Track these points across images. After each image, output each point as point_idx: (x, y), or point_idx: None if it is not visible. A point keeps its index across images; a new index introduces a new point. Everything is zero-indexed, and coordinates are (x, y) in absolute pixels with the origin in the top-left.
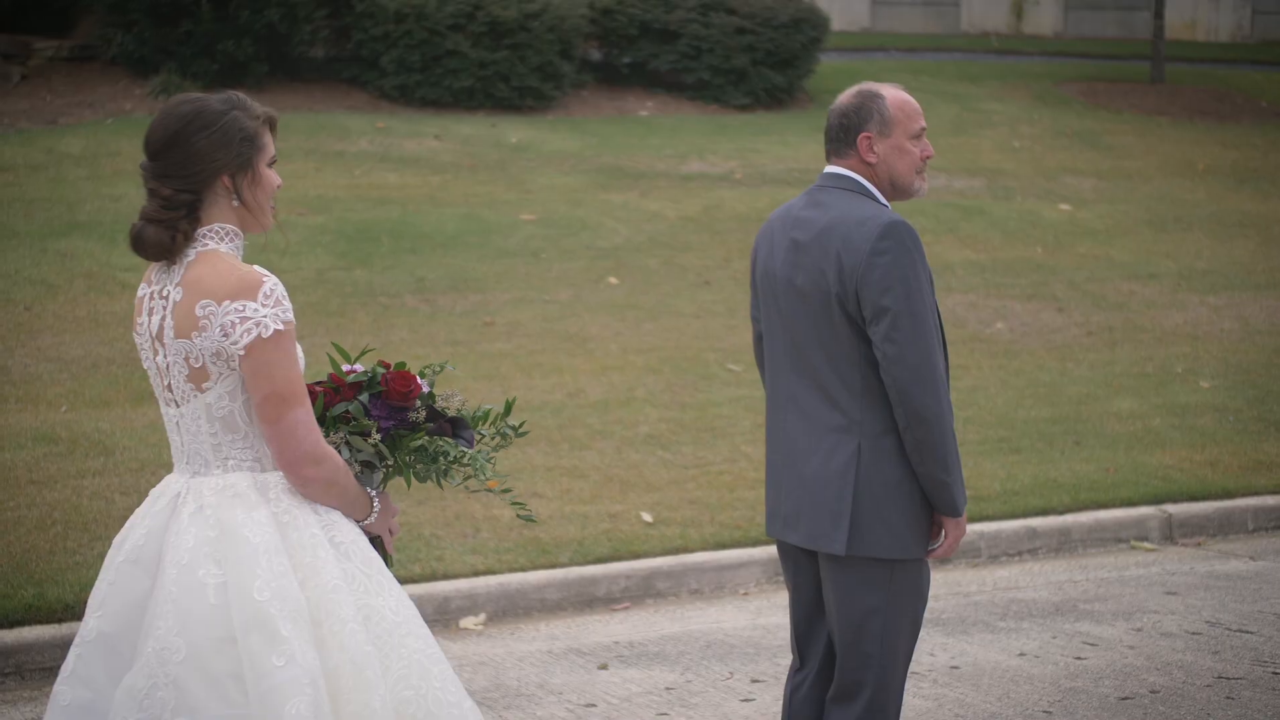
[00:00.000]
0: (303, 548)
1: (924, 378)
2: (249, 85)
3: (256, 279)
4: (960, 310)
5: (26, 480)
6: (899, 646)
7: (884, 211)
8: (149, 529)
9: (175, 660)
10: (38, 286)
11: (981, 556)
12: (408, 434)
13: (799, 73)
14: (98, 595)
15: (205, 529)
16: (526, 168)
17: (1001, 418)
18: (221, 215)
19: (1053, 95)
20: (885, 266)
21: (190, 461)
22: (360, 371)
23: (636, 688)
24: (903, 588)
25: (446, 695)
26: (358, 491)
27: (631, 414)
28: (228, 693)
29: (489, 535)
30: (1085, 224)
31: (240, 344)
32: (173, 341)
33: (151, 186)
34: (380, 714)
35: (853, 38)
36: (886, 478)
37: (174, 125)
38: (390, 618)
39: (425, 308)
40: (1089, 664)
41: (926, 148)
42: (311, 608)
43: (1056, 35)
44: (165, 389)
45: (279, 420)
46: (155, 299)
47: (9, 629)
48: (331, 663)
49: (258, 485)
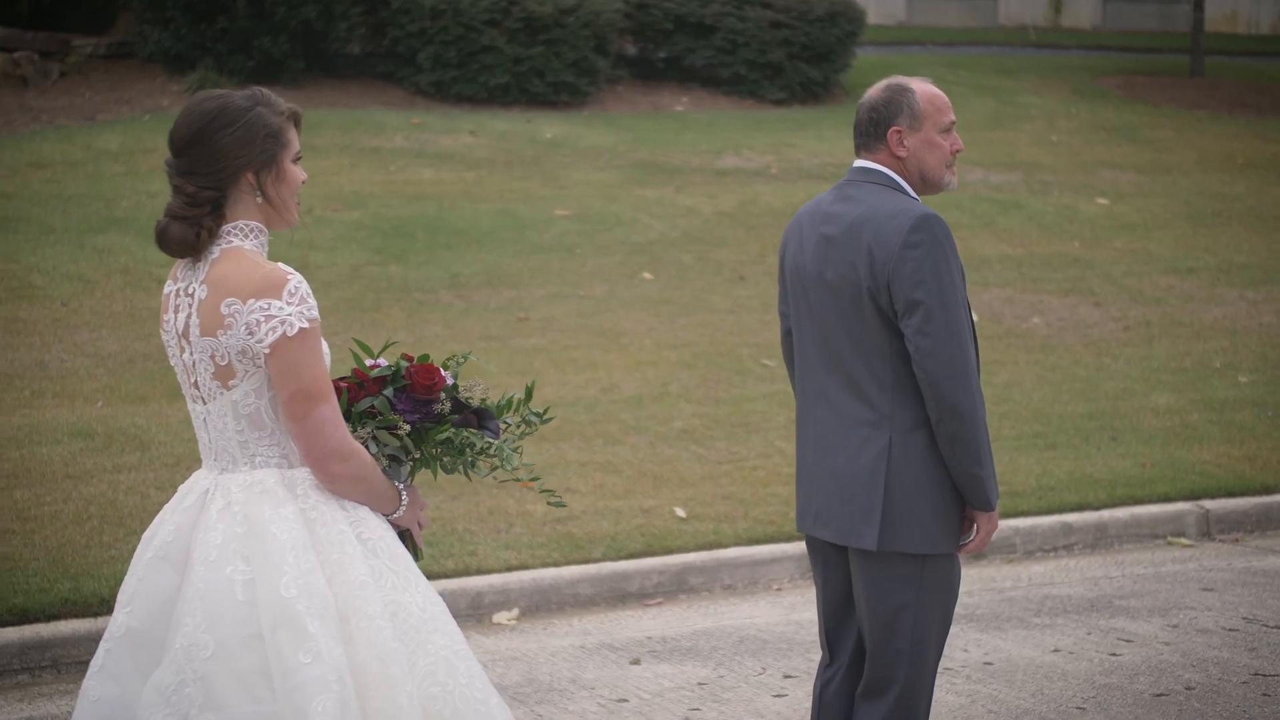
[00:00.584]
0: (330, 544)
1: (957, 371)
2: (285, 82)
3: (281, 277)
4: (996, 305)
5: (63, 475)
6: (929, 642)
7: (915, 205)
8: (177, 525)
9: (203, 657)
10: (75, 282)
11: (1017, 552)
12: (433, 427)
13: (835, 67)
14: (126, 591)
15: (233, 525)
16: (561, 163)
17: (1037, 413)
18: (246, 212)
19: (1091, 89)
20: (917, 260)
21: (218, 458)
22: (384, 366)
23: (669, 683)
24: (933, 583)
25: (473, 692)
26: (385, 486)
27: (665, 409)
28: (255, 689)
29: (522, 530)
30: (1123, 218)
31: (266, 342)
32: (198, 339)
33: (176, 183)
34: (407, 710)
35: (889, 31)
36: (917, 472)
37: (198, 122)
38: (417, 614)
39: (460, 303)
40: (1124, 660)
41: (956, 141)
42: (339, 604)
43: (1095, 28)
44: (192, 386)
45: (306, 417)
46: (181, 296)
47: (45, 623)
48: (358, 659)
49: (285, 481)
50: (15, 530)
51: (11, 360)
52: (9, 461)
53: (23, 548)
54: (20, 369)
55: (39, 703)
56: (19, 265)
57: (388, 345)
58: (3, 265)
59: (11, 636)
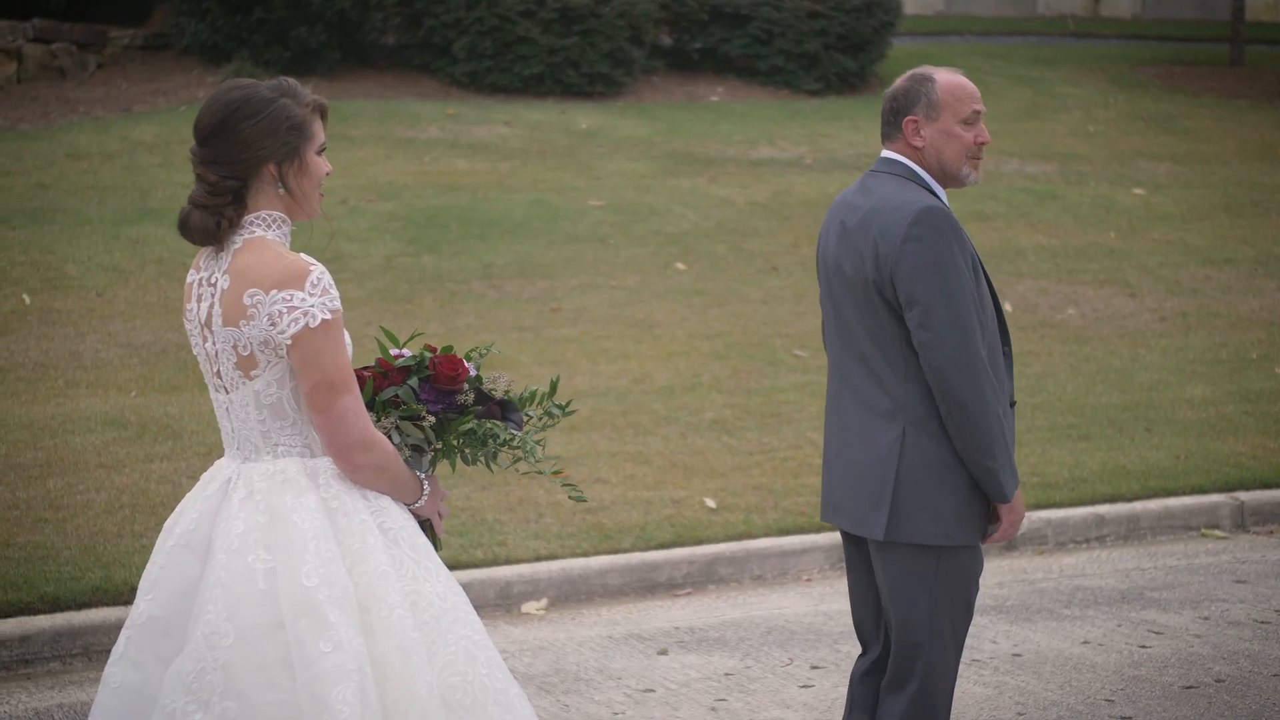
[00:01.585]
0: (351, 534)
1: (960, 363)
2: (320, 73)
3: (303, 268)
4: (1031, 296)
5: (95, 464)
6: (947, 635)
7: (922, 197)
8: (200, 513)
9: (224, 645)
10: (110, 273)
11: (1048, 544)
12: (456, 418)
13: (871, 57)
14: (149, 578)
15: (255, 514)
16: (595, 154)
17: (1071, 404)
18: (268, 202)
19: (1129, 78)
20: (917, 254)
21: (241, 447)
22: (408, 356)
23: (695, 673)
24: (950, 576)
25: (493, 682)
26: (407, 476)
27: (697, 400)
28: (275, 678)
29: (552, 520)
30: (1160, 209)
31: (288, 333)
32: (221, 329)
33: (199, 172)
34: (427, 700)
35: (926, 22)
36: (930, 462)
37: (222, 112)
38: (438, 604)
39: (492, 294)
40: (1153, 652)
41: (981, 133)
42: (359, 594)
43: (1134, 18)
44: (215, 375)
45: (329, 408)
46: (204, 286)
47: (76, 610)
48: (379, 649)
49: (307, 471)
50: (48, 519)
51: (46, 350)
52: (43, 450)
53: (55, 536)
54: (55, 359)
55: (69, 690)
56: (54, 256)
57: (413, 336)
58: (39, 256)
59: (43, 624)
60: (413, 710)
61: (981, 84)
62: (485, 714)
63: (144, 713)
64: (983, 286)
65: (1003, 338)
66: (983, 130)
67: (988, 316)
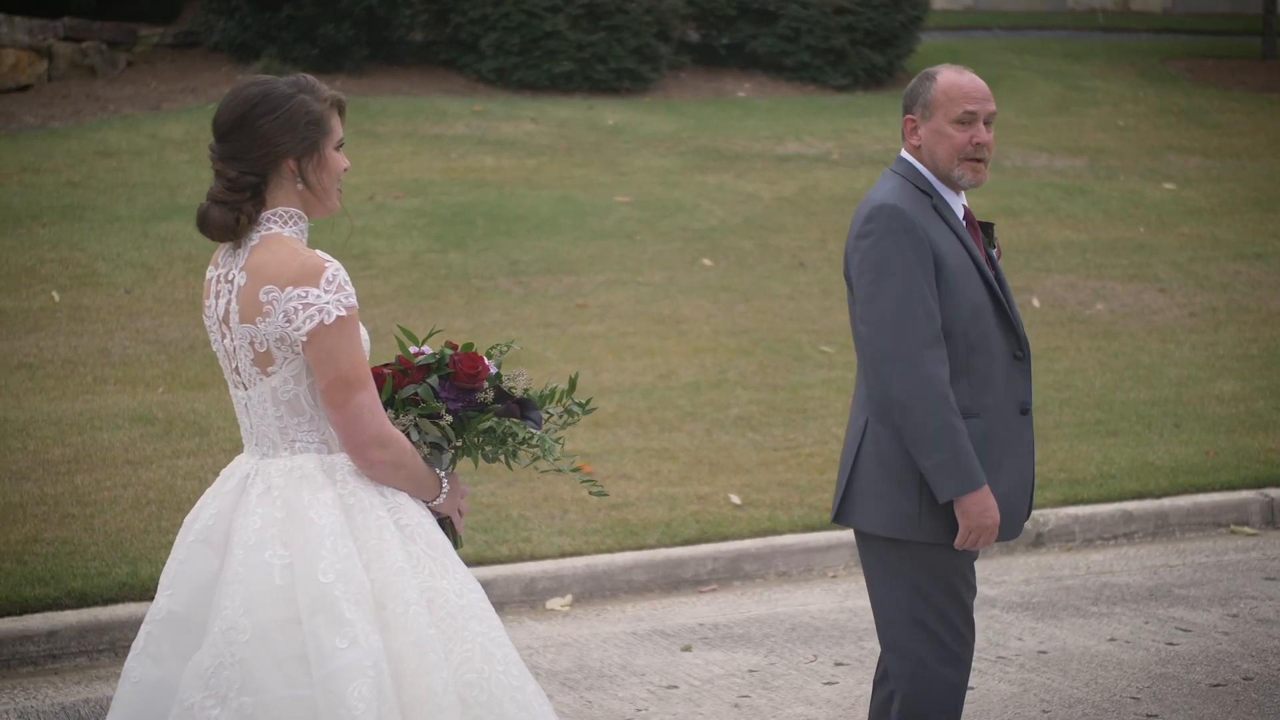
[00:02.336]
0: (368, 530)
1: (893, 360)
2: (348, 70)
3: (319, 265)
4: (1060, 291)
5: (123, 460)
6: (923, 634)
7: (882, 194)
8: (219, 509)
9: (241, 640)
10: (138, 269)
11: (1076, 540)
12: (476, 415)
13: (899, 52)
14: (168, 574)
15: (272, 510)
16: (622, 150)
17: (1099, 400)
18: (286, 198)
19: (1159, 72)
20: (865, 250)
21: (259, 443)
22: (428, 354)
23: (719, 669)
24: (918, 571)
25: (510, 679)
26: (425, 473)
27: (722, 396)
28: (291, 673)
29: (577, 517)
30: (1190, 203)
31: (303, 330)
32: (238, 326)
33: (218, 168)
34: (443, 696)
35: (955, 16)
36: (883, 454)
37: (240, 108)
38: (455, 600)
39: (518, 290)
40: (1181, 650)
41: (978, 133)
42: (376, 590)
43: (1165, 11)
44: (233, 371)
45: (344, 405)
46: (221, 282)
47: (103, 606)
48: (395, 645)
49: (324, 467)
50: (75, 515)
51: (75, 347)
52: (70, 447)
53: (82, 532)
54: (84, 355)
55: (96, 685)
56: (84, 253)
57: (432, 333)
58: (68, 253)
59: (70, 619)
60: (429, 707)
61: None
62: (502, 711)
63: (163, 707)
64: (965, 286)
65: (1016, 343)
66: (980, 131)
67: (962, 317)
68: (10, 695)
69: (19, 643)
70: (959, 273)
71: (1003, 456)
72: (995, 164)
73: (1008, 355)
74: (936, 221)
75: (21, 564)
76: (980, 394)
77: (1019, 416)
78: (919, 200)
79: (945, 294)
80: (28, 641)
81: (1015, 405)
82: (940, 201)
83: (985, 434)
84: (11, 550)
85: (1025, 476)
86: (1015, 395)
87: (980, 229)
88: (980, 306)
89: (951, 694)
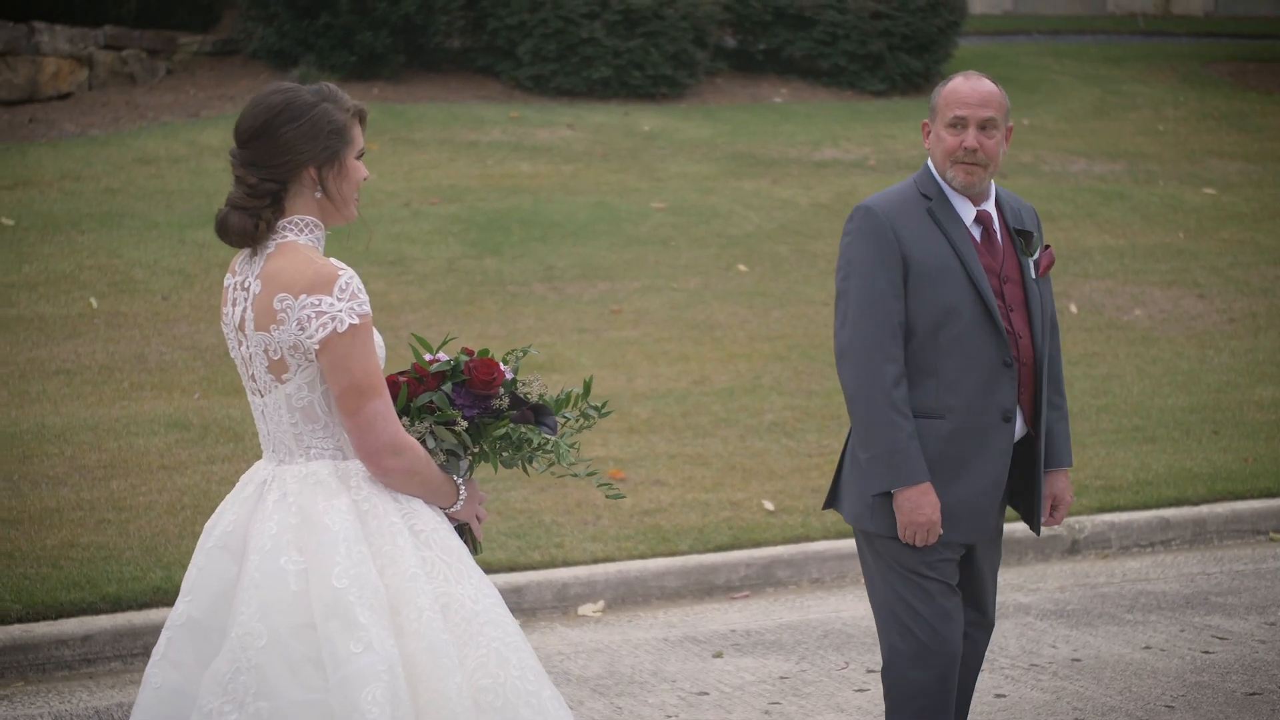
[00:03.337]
0: (382, 536)
1: (849, 355)
2: (385, 76)
3: (332, 273)
4: (1097, 297)
5: (158, 465)
6: (887, 624)
7: (872, 196)
8: (237, 515)
9: (257, 645)
10: (175, 276)
11: (1112, 547)
12: (492, 422)
13: (936, 57)
14: (189, 580)
15: (288, 516)
16: (659, 156)
17: (1137, 406)
18: (304, 206)
19: (1200, 76)
20: (842, 249)
21: (275, 450)
22: (443, 361)
23: (750, 676)
24: (879, 563)
25: (525, 684)
26: (441, 480)
27: (757, 402)
28: (306, 678)
29: (609, 523)
30: (1230, 208)
31: (316, 338)
32: (253, 333)
33: (239, 174)
34: (456, 701)
35: (994, 21)
36: (853, 444)
37: (263, 115)
38: (470, 606)
39: (553, 296)
40: (1217, 658)
41: (967, 138)
42: (390, 595)
43: (1207, 15)
44: (250, 379)
45: (358, 412)
46: (238, 290)
47: (138, 611)
48: (409, 650)
49: (339, 473)
50: (110, 520)
51: (112, 353)
52: (107, 452)
53: (117, 537)
54: (120, 361)
55: (130, 690)
56: (121, 260)
57: (446, 340)
58: (106, 260)
59: (104, 624)
60: (443, 712)
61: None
62: (517, 716)
63: (183, 713)
64: (939, 288)
65: (1007, 350)
66: (969, 136)
67: (930, 318)
68: (45, 699)
69: (54, 647)
70: (934, 275)
71: (969, 459)
72: (1032, 169)
73: (994, 361)
74: (924, 224)
75: (57, 568)
76: (947, 396)
77: (1000, 424)
78: (912, 203)
79: (914, 295)
80: (62, 645)
81: (997, 411)
82: (941, 205)
83: (949, 435)
84: (48, 555)
85: (995, 482)
86: (997, 401)
87: (1016, 237)
88: (956, 310)
89: (919, 688)
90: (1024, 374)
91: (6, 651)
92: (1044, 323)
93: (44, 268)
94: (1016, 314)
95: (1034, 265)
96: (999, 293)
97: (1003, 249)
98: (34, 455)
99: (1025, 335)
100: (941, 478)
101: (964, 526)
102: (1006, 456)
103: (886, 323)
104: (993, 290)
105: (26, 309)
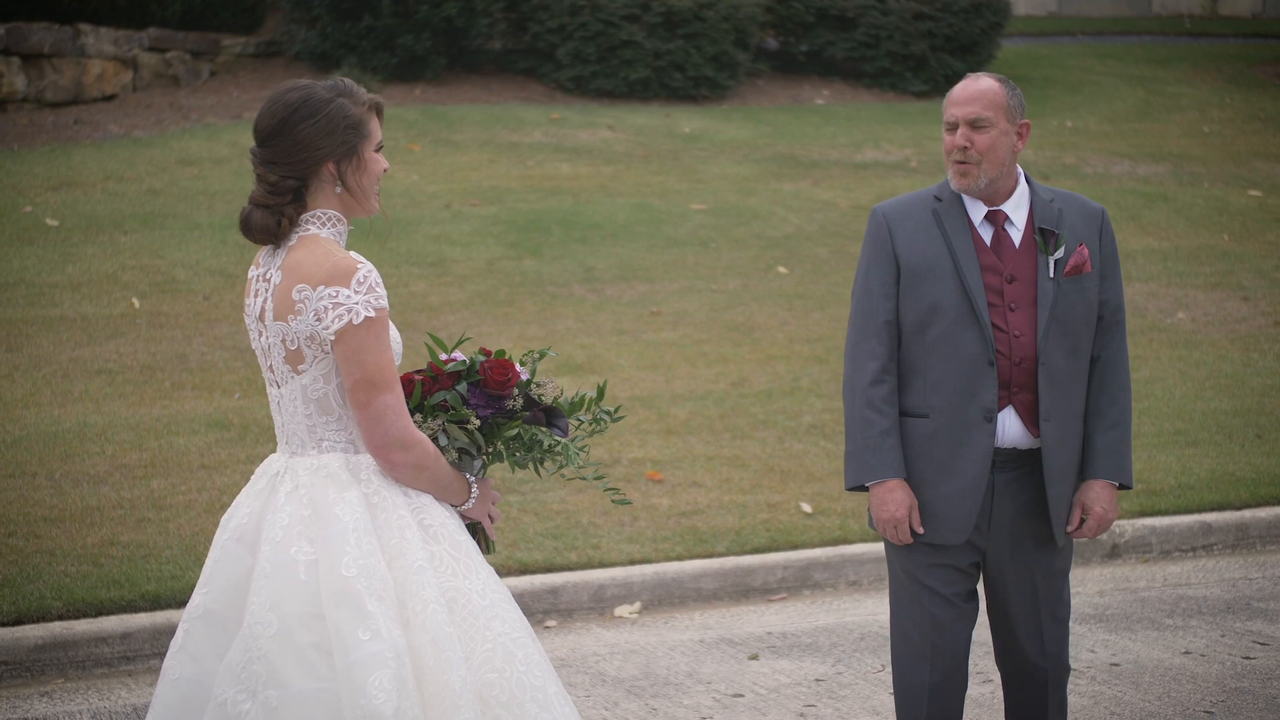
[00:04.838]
0: (390, 529)
1: (847, 348)
2: (427, 79)
3: (351, 266)
4: (1140, 300)
5: (198, 465)
6: (893, 626)
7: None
8: (251, 508)
9: (267, 635)
10: (216, 277)
11: (1153, 552)
12: (505, 422)
13: (979, 58)
14: (205, 572)
15: (299, 508)
16: (699, 157)
17: (1179, 409)
18: (326, 201)
19: (1246, 77)
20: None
21: (289, 442)
22: (459, 360)
23: (786, 678)
24: (890, 565)
25: (531, 679)
26: (451, 477)
27: (795, 404)
28: (315, 667)
29: (646, 524)
30: (1276, 210)
31: (331, 329)
32: (272, 323)
33: (259, 172)
34: (461, 694)
35: (1038, 22)
36: None
37: (280, 113)
38: (476, 600)
39: (593, 297)
40: (1258, 664)
41: (958, 139)
42: (397, 587)
43: (1255, 16)
44: (268, 369)
45: (368, 405)
46: (260, 281)
47: (177, 609)
48: (415, 642)
49: (350, 466)
50: (150, 519)
51: (154, 353)
52: (147, 451)
53: (157, 535)
54: (162, 361)
55: None
56: (164, 260)
57: (461, 340)
58: (149, 260)
59: (144, 622)
60: (446, 704)
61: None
62: (522, 710)
63: (201, 704)
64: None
65: (990, 348)
66: (958, 137)
67: (916, 316)
68: (84, 696)
69: (94, 644)
70: (922, 274)
71: (951, 459)
72: (1075, 170)
73: (978, 360)
74: (925, 224)
75: (98, 566)
76: (931, 395)
77: (982, 423)
78: (920, 204)
79: (904, 294)
80: (102, 643)
81: (979, 410)
82: (951, 205)
83: (932, 434)
84: (88, 553)
85: (975, 481)
86: (979, 400)
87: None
88: (941, 308)
89: (915, 692)
90: (1017, 373)
91: (47, 648)
92: (1054, 323)
93: (87, 268)
94: (1019, 313)
95: (1054, 264)
96: (997, 291)
97: (1018, 248)
98: (75, 454)
99: (1025, 334)
100: (925, 477)
101: (944, 527)
102: (988, 456)
103: (871, 321)
104: (991, 288)
105: (69, 309)
